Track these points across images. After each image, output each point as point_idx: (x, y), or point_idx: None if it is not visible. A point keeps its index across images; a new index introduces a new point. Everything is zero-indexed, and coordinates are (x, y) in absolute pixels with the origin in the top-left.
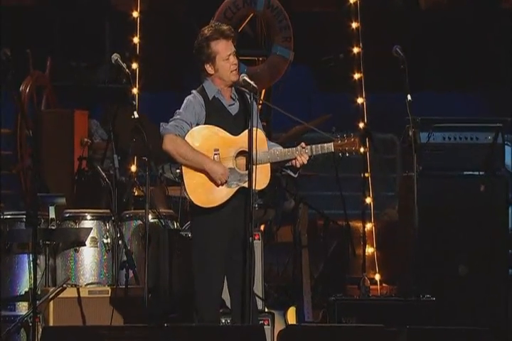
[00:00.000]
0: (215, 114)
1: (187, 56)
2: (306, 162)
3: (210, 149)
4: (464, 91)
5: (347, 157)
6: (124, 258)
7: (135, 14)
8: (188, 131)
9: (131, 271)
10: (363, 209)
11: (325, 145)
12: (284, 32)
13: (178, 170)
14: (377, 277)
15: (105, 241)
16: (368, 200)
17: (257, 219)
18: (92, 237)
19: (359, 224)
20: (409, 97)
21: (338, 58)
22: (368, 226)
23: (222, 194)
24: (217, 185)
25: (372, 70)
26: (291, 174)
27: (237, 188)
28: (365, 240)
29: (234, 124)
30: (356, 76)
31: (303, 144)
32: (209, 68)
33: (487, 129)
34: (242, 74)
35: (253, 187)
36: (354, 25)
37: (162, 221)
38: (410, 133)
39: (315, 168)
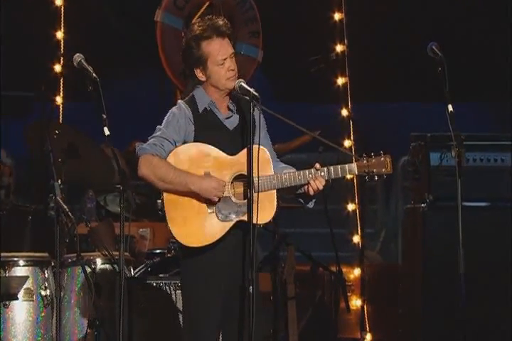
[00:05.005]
0: (206, 130)
1: (115, 58)
2: (321, 187)
3: (199, 174)
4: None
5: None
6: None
7: (58, 2)
8: (171, 150)
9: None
10: (355, 250)
11: (346, 166)
12: (250, 25)
13: (159, 201)
14: (369, 337)
15: (43, 293)
16: (356, 239)
17: None
18: (27, 288)
19: (344, 270)
20: (450, 108)
21: (329, 58)
22: (356, 272)
23: (215, 229)
24: (214, 203)
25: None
26: (303, 204)
27: (233, 223)
28: (364, 290)
29: (232, 142)
30: (340, 81)
31: (317, 165)
32: (199, 74)
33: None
34: (239, 80)
35: (254, 221)
36: (337, 16)
37: (116, 266)
38: (453, 153)
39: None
